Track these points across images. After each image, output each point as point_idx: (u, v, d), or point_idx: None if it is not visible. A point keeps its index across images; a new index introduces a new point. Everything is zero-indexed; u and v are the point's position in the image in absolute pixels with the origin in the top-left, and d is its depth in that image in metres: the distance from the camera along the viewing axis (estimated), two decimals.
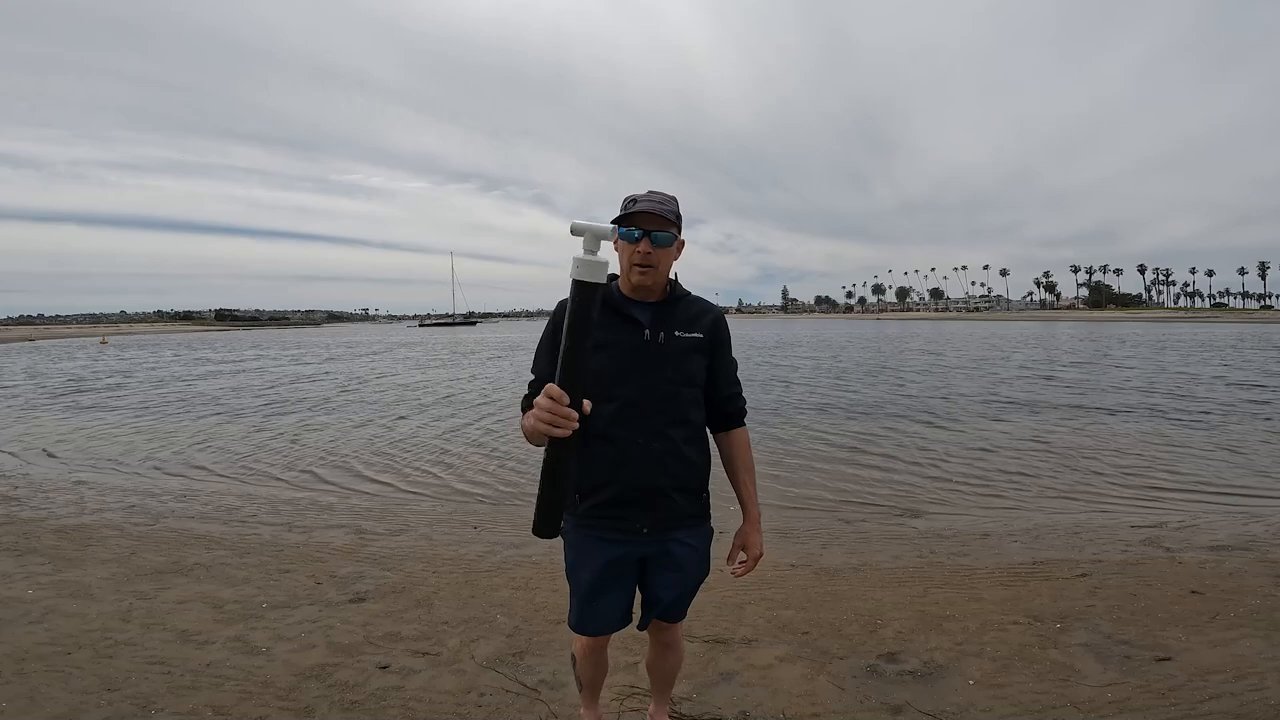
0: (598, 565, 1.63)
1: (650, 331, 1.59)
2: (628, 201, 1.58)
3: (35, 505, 5.44)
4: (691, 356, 1.63)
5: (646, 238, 1.54)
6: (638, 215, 1.54)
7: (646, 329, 1.59)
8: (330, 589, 3.42)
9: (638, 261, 1.56)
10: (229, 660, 2.61)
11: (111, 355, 33.19)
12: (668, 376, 1.60)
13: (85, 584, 3.47)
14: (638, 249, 1.55)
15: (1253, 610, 2.94)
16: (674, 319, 1.63)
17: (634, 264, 1.56)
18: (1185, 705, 2.19)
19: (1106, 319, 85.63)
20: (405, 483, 6.62)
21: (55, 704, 2.27)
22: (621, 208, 1.58)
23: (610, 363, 1.55)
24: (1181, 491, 5.81)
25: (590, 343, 1.22)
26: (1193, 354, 22.57)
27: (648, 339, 1.59)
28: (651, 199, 1.56)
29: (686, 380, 1.63)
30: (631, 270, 1.58)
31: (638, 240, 1.54)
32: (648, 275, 1.57)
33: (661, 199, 1.57)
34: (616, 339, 1.57)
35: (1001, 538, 4.45)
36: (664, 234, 1.55)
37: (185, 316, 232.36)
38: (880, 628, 2.85)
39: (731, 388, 1.74)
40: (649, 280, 1.57)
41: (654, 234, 1.54)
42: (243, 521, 5.01)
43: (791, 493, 5.99)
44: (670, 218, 1.55)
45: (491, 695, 2.34)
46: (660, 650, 1.88)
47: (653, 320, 1.61)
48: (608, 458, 1.57)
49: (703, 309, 1.69)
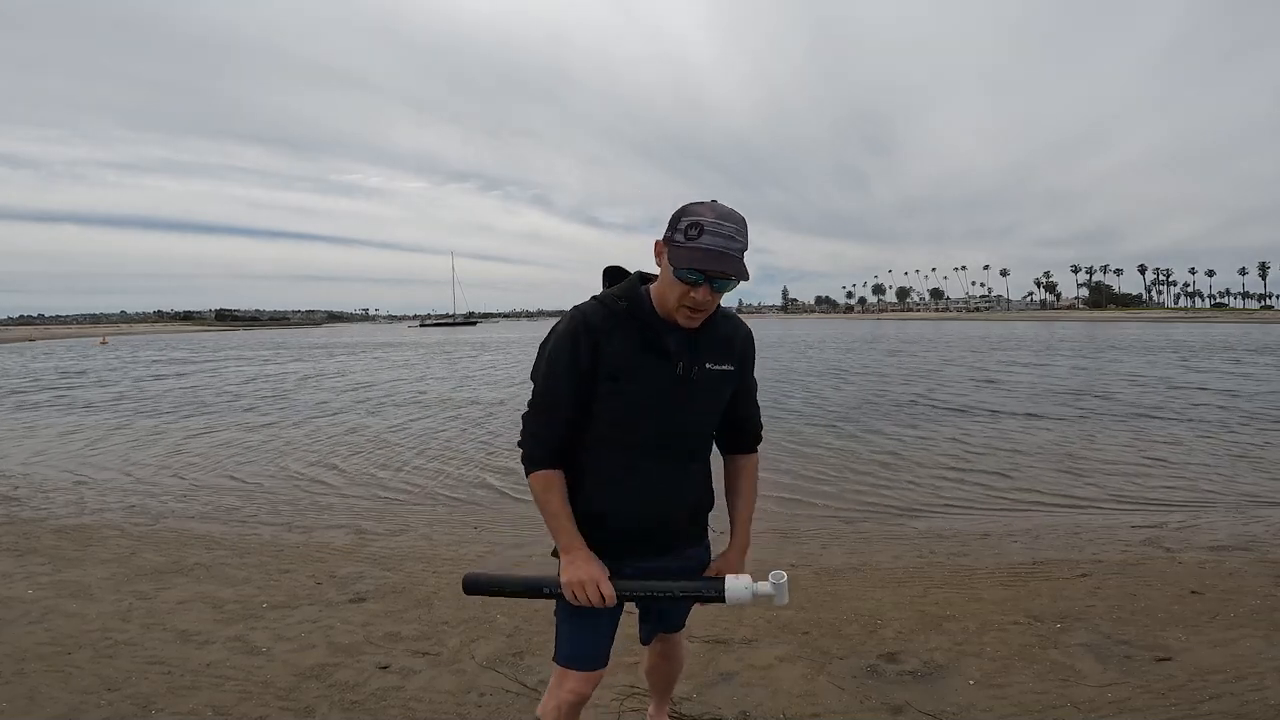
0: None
1: (683, 365, 1.38)
2: (689, 225, 1.27)
3: (35, 505, 5.44)
4: (720, 389, 1.46)
5: (708, 284, 1.28)
6: (703, 254, 1.25)
7: (679, 362, 1.38)
8: (330, 589, 3.42)
9: (689, 305, 1.31)
10: (229, 660, 2.61)
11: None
12: (695, 413, 1.44)
13: (85, 584, 3.47)
14: (692, 294, 1.29)
15: (1253, 610, 2.94)
16: (707, 347, 1.41)
17: (683, 304, 1.31)
18: (1185, 705, 2.19)
19: (1107, 319, 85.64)
20: (406, 483, 6.62)
21: (55, 704, 2.27)
22: (679, 226, 1.29)
23: (635, 394, 1.37)
24: (1181, 492, 5.81)
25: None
26: (1193, 356, 22.56)
27: (679, 373, 1.38)
28: (721, 230, 1.25)
29: (711, 414, 1.49)
30: (678, 310, 1.33)
31: (696, 286, 1.28)
32: (695, 320, 1.34)
33: (733, 231, 1.26)
34: (644, 369, 1.36)
35: (1001, 538, 4.45)
36: (726, 281, 1.29)
37: (185, 317, 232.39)
38: (880, 628, 2.85)
39: (750, 409, 1.57)
40: (696, 324, 1.35)
41: (717, 281, 1.28)
42: (243, 522, 5.01)
43: (791, 493, 5.99)
44: (739, 257, 1.28)
45: (491, 695, 2.34)
46: (659, 659, 1.82)
47: (684, 349, 1.39)
48: (619, 491, 1.43)
49: (733, 330, 1.49)
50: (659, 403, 1.39)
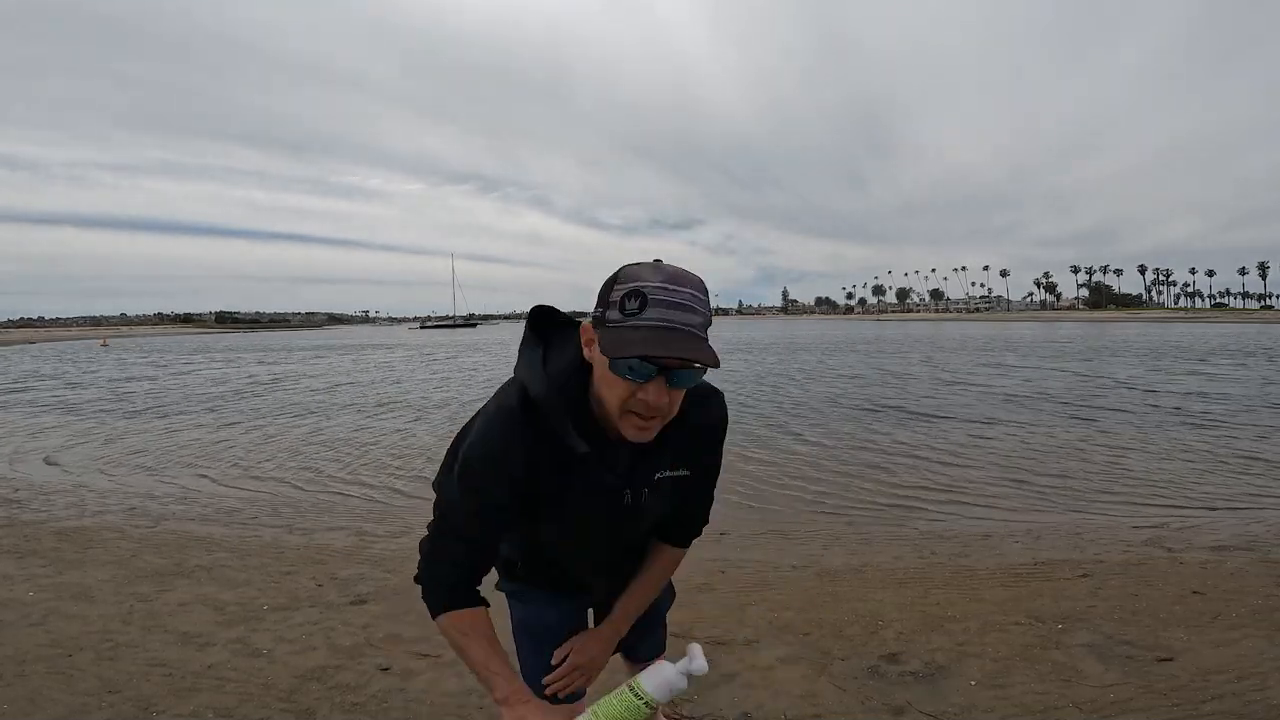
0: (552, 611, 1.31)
1: (631, 493, 1.09)
2: (627, 297, 0.89)
3: (36, 508, 5.44)
4: (672, 498, 1.16)
5: (662, 377, 0.91)
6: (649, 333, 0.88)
7: (627, 491, 1.08)
8: (331, 591, 3.42)
9: (636, 410, 0.93)
10: (230, 662, 2.60)
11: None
12: (640, 531, 1.20)
13: (86, 586, 3.47)
14: (640, 394, 0.92)
15: (1254, 610, 2.94)
16: (661, 455, 1.08)
17: (629, 410, 0.94)
18: (1187, 705, 2.18)
19: (1107, 319, 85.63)
20: (406, 484, 6.62)
21: (56, 706, 2.27)
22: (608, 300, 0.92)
23: (568, 531, 1.13)
24: (1182, 492, 5.80)
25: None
26: (1193, 357, 22.55)
27: (628, 503, 1.09)
28: (672, 299, 0.89)
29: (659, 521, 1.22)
30: (624, 420, 0.95)
31: (647, 381, 0.91)
32: (649, 430, 0.96)
33: (688, 299, 0.90)
34: (585, 507, 1.08)
35: (1002, 538, 4.45)
36: (689, 372, 0.93)
37: (185, 319, 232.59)
38: (881, 629, 2.85)
39: (698, 506, 1.25)
40: (647, 436, 0.97)
41: (675, 374, 0.92)
42: (243, 524, 5.01)
43: (791, 493, 5.98)
44: (703, 336, 0.92)
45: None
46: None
47: (633, 469, 1.08)
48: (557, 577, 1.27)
49: (699, 421, 1.10)
50: (597, 536, 1.15)
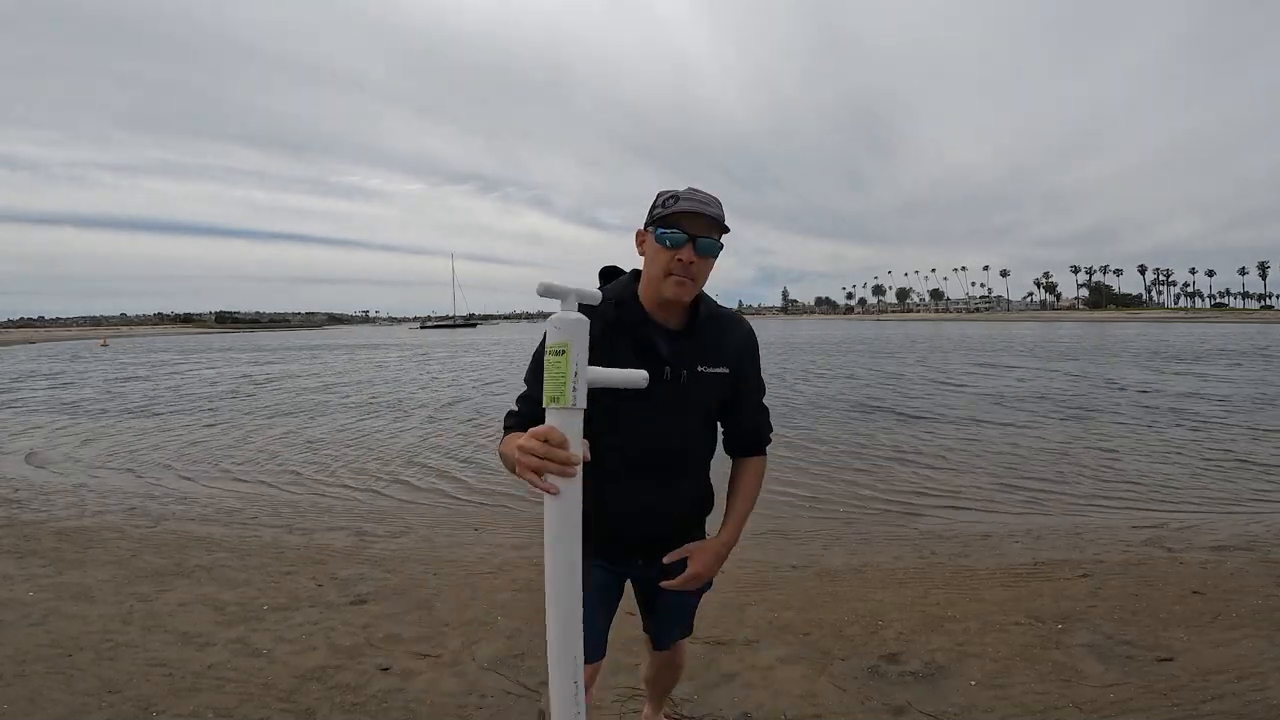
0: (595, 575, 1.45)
1: (670, 369, 1.34)
2: (666, 198, 1.32)
3: (36, 508, 5.44)
4: (714, 394, 1.41)
5: (691, 244, 1.28)
6: (681, 216, 1.28)
7: (667, 365, 1.33)
8: (331, 591, 3.42)
9: (676, 271, 1.29)
10: (230, 662, 2.60)
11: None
12: (684, 424, 1.38)
13: (86, 586, 3.47)
14: (678, 256, 1.28)
15: (1254, 610, 2.94)
16: (699, 349, 1.37)
17: (670, 273, 1.29)
18: (1187, 705, 2.19)
19: (1107, 319, 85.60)
20: (406, 484, 6.62)
21: (56, 706, 2.27)
22: (657, 203, 1.33)
23: (618, 402, 1.27)
24: (1181, 492, 5.80)
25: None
26: (1191, 358, 22.54)
27: (667, 378, 1.33)
28: (696, 197, 1.30)
29: (704, 423, 1.43)
30: (666, 281, 1.30)
31: (680, 246, 1.28)
32: (685, 289, 1.30)
33: (707, 199, 1.31)
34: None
35: (1002, 538, 4.45)
36: (710, 240, 1.30)
37: (185, 319, 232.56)
38: (881, 629, 2.85)
39: (756, 417, 1.51)
40: (686, 295, 1.31)
41: (699, 240, 1.29)
42: (243, 524, 5.01)
43: (791, 492, 5.99)
44: (719, 220, 1.30)
45: (493, 697, 2.34)
46: (661, 667, 1.79)
47: (674, 352, 1.35)
48: (600, 507, 1.33)
49: (729, 327, 1.44)
50: (643, 408, 1.33)
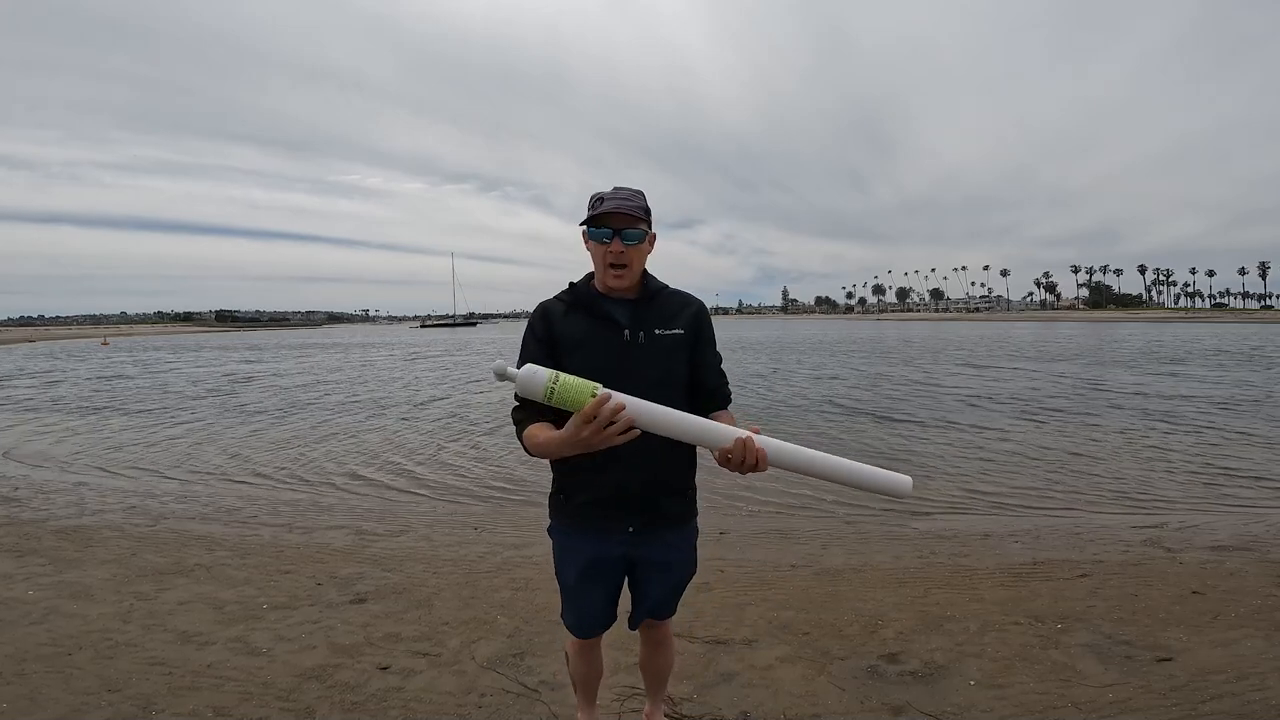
0: (581, 563, 1.64)
1: (630, 331, 1.57)
2: (594, 201, 1.57)
3: (36, 506, 5.44)
4: (674, 354, 1.61)
5: (617, 237, 1.54)
6: (607, 216, 1.53)
7: (626, 329, 1.58)
8: (331, 590, 3.42)
9: (611, 262, 1.55)
10: (230, 661, 2.61)
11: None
12: (650, 377, 1.55)
13: (86, 585, 3.47)
14: (610, 249, 1.54)
15: (1254, 610, 2.94)
16: (653, 316, 1.61)
17: (608, 265, 1.56)
18: (1187, 705, 2.19)
19: (1107, 319, 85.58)
20: (406, 484, 6.62)
21: (56, 705, 2.27)
22: (589, 207, 1.57)
23: (588, 364, 1.49)
24: (1182, 492, 5.80)
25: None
26: (1190, 360, 22.55)
27: (627, 339, 1.57)
28: (618, 196, 1.56)
29: (669, 379, 1.60)
30: (606, 272, 1.57)
31: (609, 241, 1.54)
32: (623, 276, 1.57)
33: (628, 194, 1.57)
34: (594, 339, 1.56)
35: (1002, 538, 4.45)
36: (634, 231, 1.55)
37: (185, 318, 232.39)
38: (881, 628, 2.85)
39: (717, 379, 1.69)
40: (625, 281, 1.57)
41: (624, 232, 1.54)
42: (243, 523, 5.01)
43: (792, 492, 5.98)
44: (639, 214, 1.55)
45: (492, 696, 2.34)
46: (651, 649, 1.90)
47: (631, 319, 1.59)
48: (590, 460, 1.47)
49: (682, 302, 1.67)
50: (612, 366, 1.52)
